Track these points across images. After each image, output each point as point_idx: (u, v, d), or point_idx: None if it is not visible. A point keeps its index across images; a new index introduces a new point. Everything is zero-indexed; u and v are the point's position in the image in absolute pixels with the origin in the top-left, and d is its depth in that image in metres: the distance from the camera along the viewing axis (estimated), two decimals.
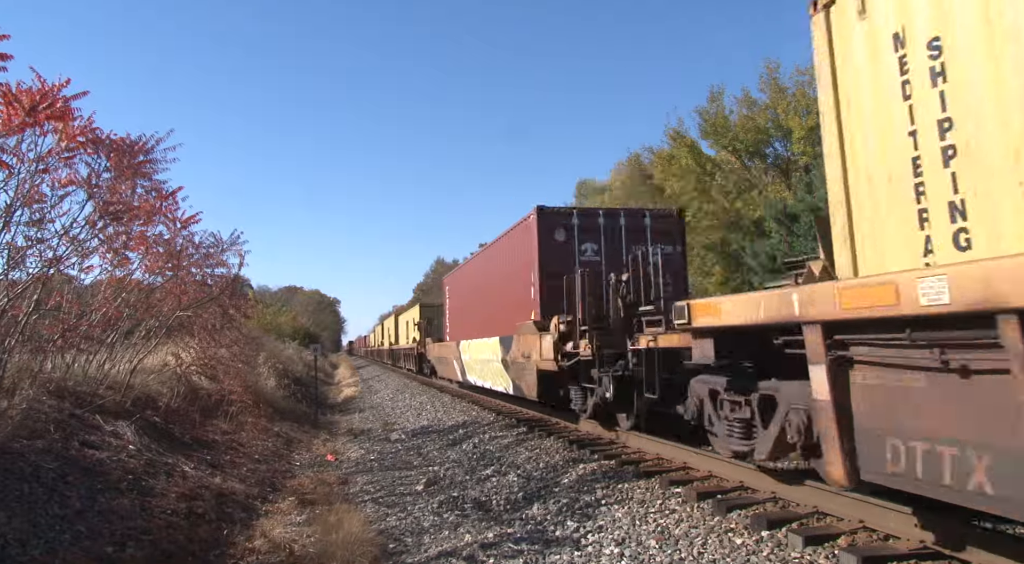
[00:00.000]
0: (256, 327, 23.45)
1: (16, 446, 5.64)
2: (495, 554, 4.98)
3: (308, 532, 5.78)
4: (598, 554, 4.79)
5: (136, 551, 4.77)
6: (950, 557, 4.00)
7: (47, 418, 6.52)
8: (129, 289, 9.26)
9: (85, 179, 7.34)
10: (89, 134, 7.04)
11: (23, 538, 4.43)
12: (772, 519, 4.92)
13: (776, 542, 4.61)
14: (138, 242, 8.74)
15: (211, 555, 5.23)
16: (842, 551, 4.20)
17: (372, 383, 29.03)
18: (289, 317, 47.33)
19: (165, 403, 9.34)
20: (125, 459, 6.53)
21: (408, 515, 6.42)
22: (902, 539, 4.30)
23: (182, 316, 10.14)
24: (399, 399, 19.24)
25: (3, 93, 5.86)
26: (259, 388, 13.93)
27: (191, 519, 5.71)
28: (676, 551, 4.67)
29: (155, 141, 8.17)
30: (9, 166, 6.16)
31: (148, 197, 8.61)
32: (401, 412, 16.00)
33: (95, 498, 5.41)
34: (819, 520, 4.96)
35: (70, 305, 8.03)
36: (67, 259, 7.27)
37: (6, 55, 5.57)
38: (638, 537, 5.04)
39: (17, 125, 5.92)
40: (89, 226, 7.43)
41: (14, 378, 6.77)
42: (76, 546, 4.56)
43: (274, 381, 16.28)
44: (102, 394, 8.11)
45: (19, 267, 6.73)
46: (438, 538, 5.58)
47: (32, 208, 6.62)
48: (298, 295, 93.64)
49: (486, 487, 7.28)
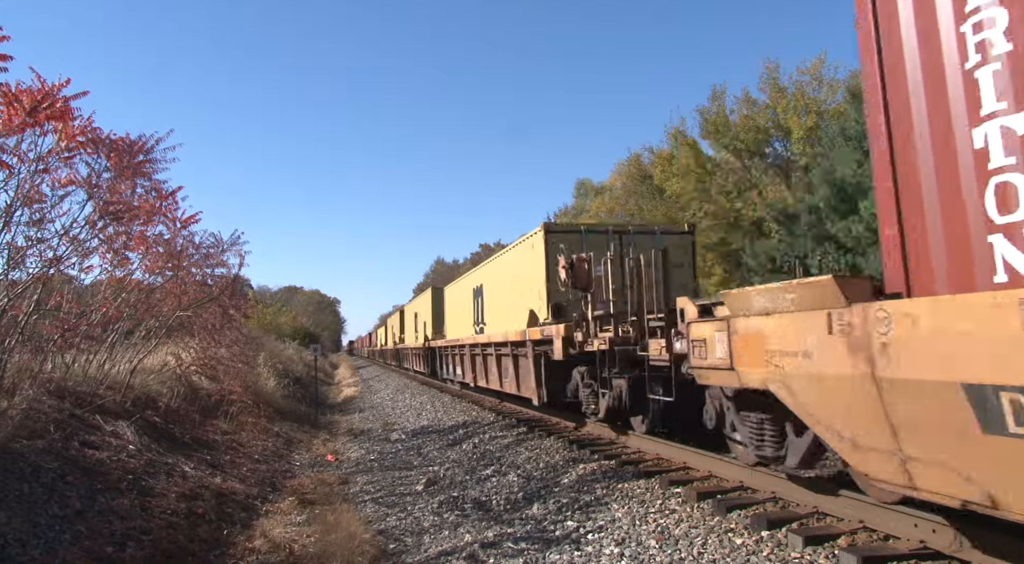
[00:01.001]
0: (256, 327, 23.48)
1: (16, 446, 5.64)
2: (495, 554, 4.98)
3: (308, 532, 5.78)
4: (598, 554, 4.79)
5: (136, 551, 4.77)
6: (950, 557, 4.00)
7: (47, 418, 6.52)
8: (129, 289, 9.26)
9: (85, 179, 7.35)
10: (89, 134, 7.05)
11: (23, 538, 4.43)
12: (772, 519, 4.92)
13: (776, 542, 4.61)
14: (138, 242, 8.75)
15: (211, 555, 5.23)
16: (842, 551, 4.19)
17: (372, 383, 29.02)
18: (289, 317, 47.31)
19: (165, 403, 9.34)
20: (125, 459, 6.53)
21: (408, 515, 6.42)
22: (902, 539, 4.30)
23: (182, 316, 10.15)
24: (399, 399, 19.23)
25: (4, 93, 5.86)
26: (259, 388, 13.93)
27: (191, 519, 5.71)
28: (676, 551, 4.67)
29: (155, 141, 8.19)
30: (9, 166, 6.16)
31: (148, 197, 8.63)
32: (401, 412, 15.99)
33: (95, 498, 5.40)
34: (819, 520, 4.95)
35: (70, 305, 8.03)
36: (67, 259, 7.28)
37: (6, 56, 5.58)
38: (638, 537, 5.04)
39: (18, 125, 5.93)
40: (89, 226, 7.44)
41: (14, 378, 6.77)
42: (76, 546, 4.56)
43: (274, 381, 16.27)
44: (102, 394, 8.11)
45: (19, 267, 6.74)
46: (438, 538, 5.58)
47: (32, 208, 6.63)
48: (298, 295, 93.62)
49: (486, 487, 7.28)
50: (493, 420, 12.48)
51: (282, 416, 13.50)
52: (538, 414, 11.98)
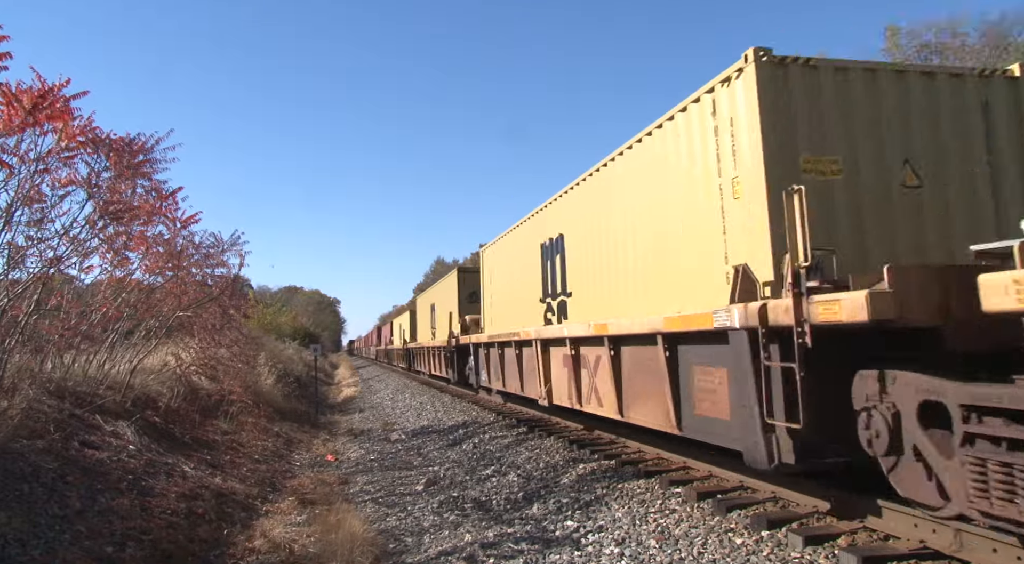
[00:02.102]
0: (256, 327, 23.45)
1: (16, 446, 5.63)
2: (495, 554, 4.98)
3: (308, 532, 5.78)
4: (598, 554, 4.79)
5: (136, 551, 4.76)
6: (950, 557, 4.00)
7: (47, 418, 6.51)
8: (129, 289, 9.26)
9: (85, 179, 7.34)
10: (89, 134, 7.05)
11: (23, 538, 4.43)
12: (772, 519, 4.92)
13: (776, 542, 4.61)
14: (138, 242, 8.74)
15: (211, 555, 5.23)
16: (842, 551, 4.19)
17: (372, 383, 29.02)
18: (289, 317, 47.27)
19: (165, 403, 9.34)
20: (125, 459, 6.52)
21: (408, 515, 6.42)
22: (902, 539, 4.30)
23: (182, 316, 10.15)
24: (399, 399, 19.23)
25: (4, 93, 5.86)
26: (259, 388, 13.93)
27: (191, 519, 5.71)
28: (676, 551, 4.66)
29: (155, 141, 8.19)
30: (10, 166, 6.16)
31: (148, 197, 8.63)
32: (401, 412, 15.99)
33: (95, 498, 5.40)
34: (819, 520, 4.95)
35: (70, 305, 8.03)
36: (67, 259, 7.28)
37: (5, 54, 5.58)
38: (638, 537, 5.04)
39: (18, 125, 5.93)
40: (89, 226, 7.44)
41: (14, 378, 6.77)
42: (76, 546, 4.55)
43: (274, 381, 16.27)
44: (102, 394, 8.10)
45: (19, 267, 6.73)
46: (438, 538, 5.57)
47: (32, 208, 6.62)
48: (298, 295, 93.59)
49: (486, 487, 7.28)
50: (493, 420, 12.48)
51: (282, 416, 13.50)
52: (539, 413, 11.87)
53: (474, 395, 16.48)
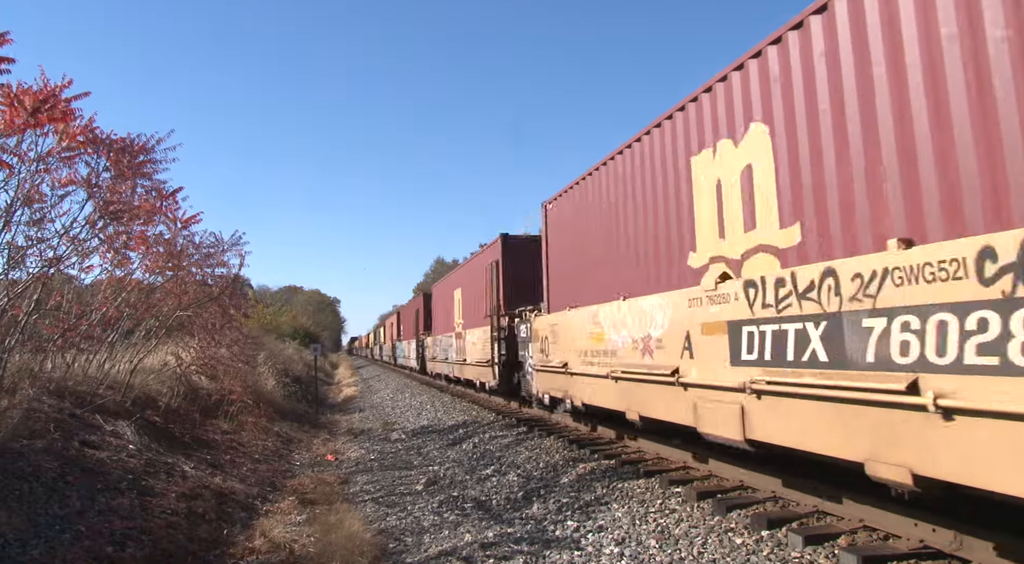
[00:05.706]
0: (256, 327, 23.46)
1: (16, 446, 5.64)
2: (495, 554, 4.98)
3: (308, 532, 5.78)
4: (598, 554, 4.79)
5: (136, 551, 4.76)
6: (950, 556, 4.00)
7: (47, 418, 6.52)
8: (129, 289, 9.26)
9: (85, 179, 7.35)
10: (89, 134, 7.05)
11: (23, 538, 4.43)
12: (772, 519, 4.92)
13: (776, 542, 4.61)
14: (138, 242, 8.75)
15: (211, 555, 5.23)
16: (842, 551, 4.20)
17: (372, 383, 29.02)
18: (289, 317, 47.30)
19: (165, 403, 9.34)
20: (125, 459, 6.53)
21: (408, 515, 6.42)
22: (902, 539, 4.30)
23: (182, 316, 10.15)
24: (399, 399, 19.23)
25: (6, 94, 5.87)
26: (259, 388, 13.93)
27: (191, 519, 5.71)
28: (676, 551, 4.67)
29: (155, 141, 8.19)
30: (10, 166, 6.17)
31: (148, 197, 8.62)
32: (401, 412, 15.99)
33: (95, 498, 5.40)
34: (819, 520, 4.96)
35: (70, 305, 8.04)
36: (67, 259, 7.28)
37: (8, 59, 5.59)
38: (638, 537, 5.04)
39: (19, 125, 5.93)
40: (89, 226, 7.44)
41: (14, 378, 6.77)
42: (76, 546, 4.56)
43: (274, 381, 16.29)
44: (102, 394, 8.11)
45: (19, 267, 6.74)
46: (438, 537, 5.57)
47: (32, 208, 6.63)
48: (298, 295, 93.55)
49: (486, 487, 7.29)
50: (493, 420, 12.48)
51: (282, 416, 13.50)
52: (539, 413, 11.93)
53: (474, 394, 16.45)
